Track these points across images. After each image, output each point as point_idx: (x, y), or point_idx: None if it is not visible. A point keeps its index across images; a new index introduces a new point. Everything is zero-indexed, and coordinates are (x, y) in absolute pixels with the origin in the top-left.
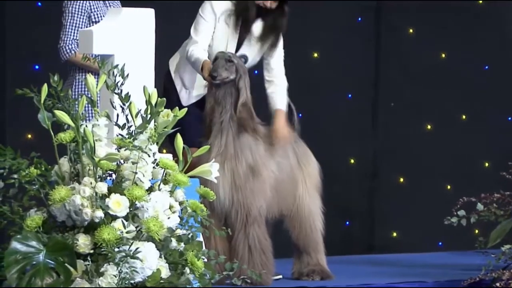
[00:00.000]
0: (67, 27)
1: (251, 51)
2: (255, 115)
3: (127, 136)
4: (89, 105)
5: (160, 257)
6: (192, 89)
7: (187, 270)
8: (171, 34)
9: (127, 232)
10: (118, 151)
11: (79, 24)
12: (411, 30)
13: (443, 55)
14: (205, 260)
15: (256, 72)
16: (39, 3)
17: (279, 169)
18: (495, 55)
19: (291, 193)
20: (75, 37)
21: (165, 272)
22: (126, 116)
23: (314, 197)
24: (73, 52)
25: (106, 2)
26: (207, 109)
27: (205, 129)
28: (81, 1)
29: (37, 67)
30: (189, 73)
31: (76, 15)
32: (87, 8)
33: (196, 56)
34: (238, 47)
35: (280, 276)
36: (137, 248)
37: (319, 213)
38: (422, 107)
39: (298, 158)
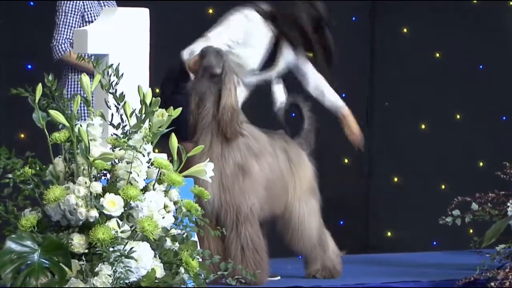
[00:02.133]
0: (60, 26)
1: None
2: (241, 119)
3: (121, 136)
4: (84, 105)
5: (155, 256)
6: None
7: (182, 269)
8: (166, 34)
9: (121, 232)
10: (113, 150)
11: (72, 23)
12: (405, 30)
13: (438, 55)
14: (200, 260)
15: None
16: (32, 3)
17: (271, 169)
18: (490, 55)
19: (282, 196)
20: (68, 36)
21: (160, 272)
22: (121, 115)
23: (307, 202)
24: (66, 51)
25: (101, 1)
26: (192, 106)
27: (190, 127)
28: (75, 1)
29: (30, 66)
30: None
31: (69, 14)
32: (81, 8)
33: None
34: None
35: (278, 278)
36: (131, 248)
37: (314, 217)
38: (417, 107)
39: (289, 160)
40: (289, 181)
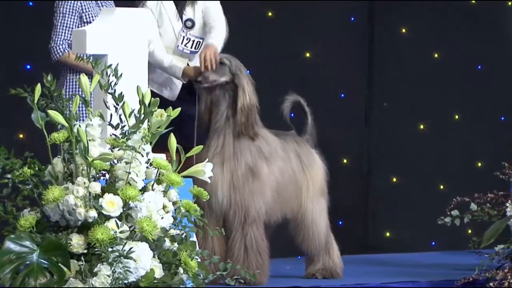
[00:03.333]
0: (58, 27)
1: (193, 11)
2: (257, 120)
3: (120, 136)
4: (83, 105)
5: (154, 257)
6: (172, 85)
7: (181, 270)
8: None
9: (120, 232)
10: (112, 151)
11: (70, 24)
12: (404, 30)
13: (437, 55)
14: (199, 260)
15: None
16: (31, 3)
17: (281, 173)
18: (488, 55)
19: (294, 198)
20: (66, 37)
21: (159, 272)
22: (120, 116)
23: (318, 202)
24: (64, 52)
25: (99, 2)
26: (201, 111)
27: (200, 131)
28: (73, 1)
29: (28, 66)
30: (159, 73)
31: (67, 15)
32: (79, 8)
33: (168, 62)
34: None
35: None
36: (130, 248)
37: (324, 217)
38: (415, 107)
39: (301, 162)
40: (302, 183)
